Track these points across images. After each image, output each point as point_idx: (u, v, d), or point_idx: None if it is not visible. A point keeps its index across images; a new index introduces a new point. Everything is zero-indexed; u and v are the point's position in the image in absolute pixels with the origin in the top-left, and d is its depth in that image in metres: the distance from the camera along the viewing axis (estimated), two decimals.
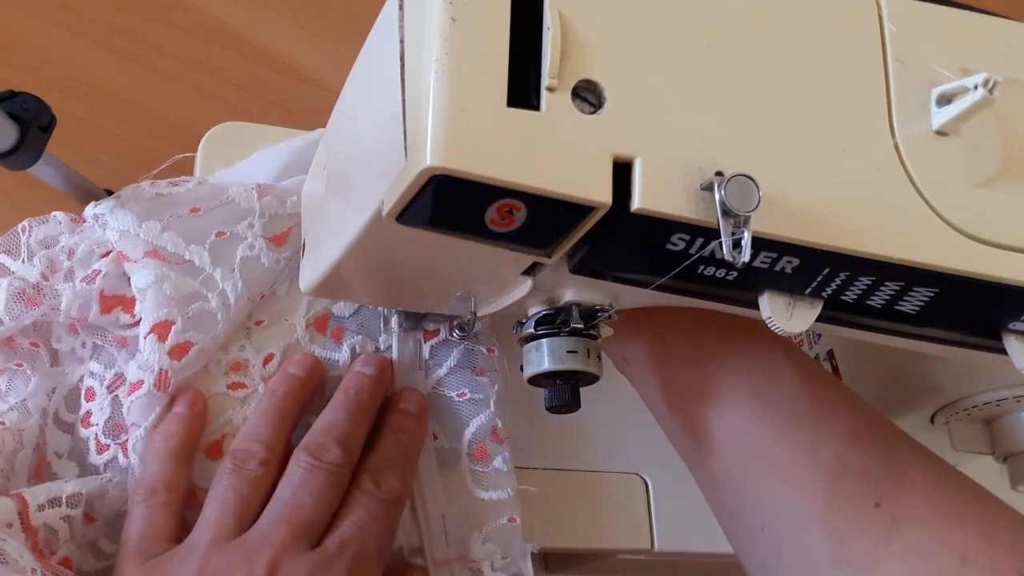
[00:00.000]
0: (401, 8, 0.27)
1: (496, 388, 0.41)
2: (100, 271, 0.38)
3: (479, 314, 0.36)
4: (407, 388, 0.40)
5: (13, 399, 0.37)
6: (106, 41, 0.53)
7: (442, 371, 0.41)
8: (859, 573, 0.31)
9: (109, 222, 0.38)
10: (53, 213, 0.40)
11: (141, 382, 0.37)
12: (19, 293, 0.37)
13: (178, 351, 0.37)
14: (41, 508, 0.34)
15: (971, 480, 0.34)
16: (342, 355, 0.41)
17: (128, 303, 0.38)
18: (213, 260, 0.39)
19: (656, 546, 0.45)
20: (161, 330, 0.37)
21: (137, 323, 0.38)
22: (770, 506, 0.34)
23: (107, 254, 0.39)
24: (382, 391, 0.40)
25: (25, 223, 0.39)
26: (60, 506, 0.35)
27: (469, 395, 0.41)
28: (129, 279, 0.38)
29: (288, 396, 0.38)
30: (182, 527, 0.36)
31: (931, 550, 0.31)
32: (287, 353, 0.40)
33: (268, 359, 0.40)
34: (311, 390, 0.39)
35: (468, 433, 0.40)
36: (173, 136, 0.51)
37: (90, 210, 0.39)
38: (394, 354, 0.41)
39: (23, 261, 0.38)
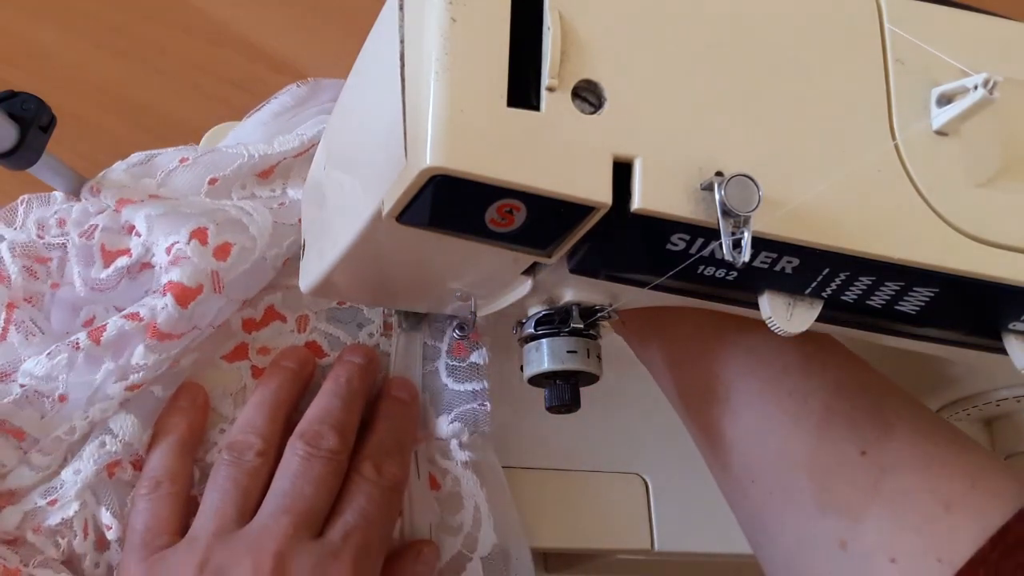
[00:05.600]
0: (401, 8, 0.27)
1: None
2: (97, 225, 0.38)
3: (479, 314, 0.36)
4: (397, 377, 0.41)
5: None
6: (106, 41, 0.53)
7: None
8: (845, 519, 0.31)
9: (104, 185, 0.38)
10: (53, 192, 0.40)
11: (200, 286, 0.36)
12: (21, 252, 0.37)
13: (221, 252, 0.37)
14: None
15: (957, 429, 0.34)
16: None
17: (128, 253, 0.38)
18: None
19: (656, 546, 0.45)
20: (200, 235, 0.36)
21: (139, 264, 0.37)
22: (759, 456, 0.35)
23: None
24: (372, 378, 0.40)
25: (25, 197, 0.39)
26: None
27: None
28: (128, 233, 0.38)
29: (281, 388, 0.38)
30: (186, 519, 0.36)
31: (916, 496, 0.31)
32: None
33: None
34: (303, 381, 0.40)
35: (449, 333, 0.42)
36: (173, 136, 0.51)
37: (85, 187, 0.39)
38: (393, 354, 0.41)
39: (16, 229, 0.38)
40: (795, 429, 0.33)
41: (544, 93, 0.26)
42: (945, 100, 0.29)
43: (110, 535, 0.35)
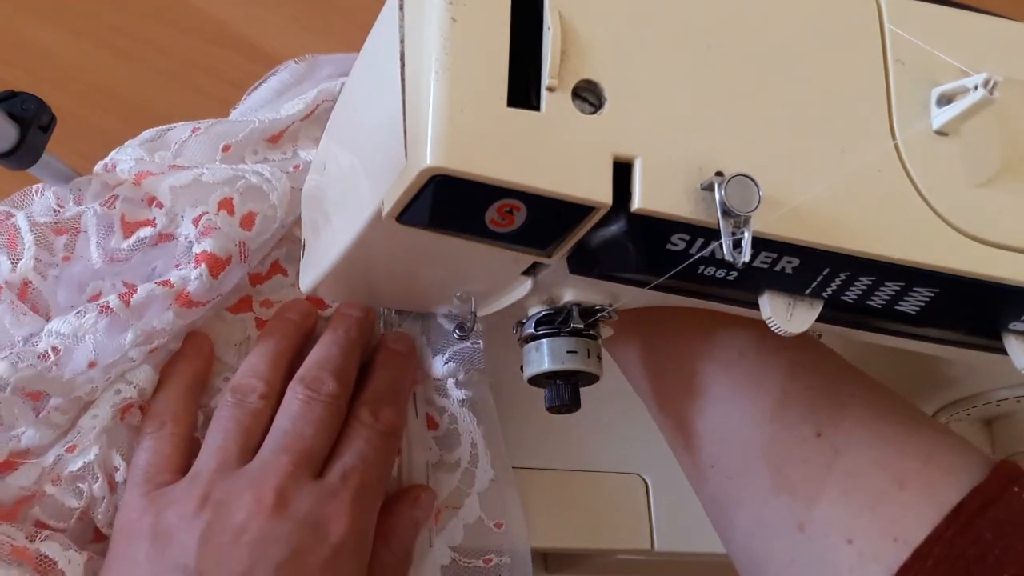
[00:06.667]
0: (401, 8, 0.27)
1: None
2: (118, 196, 0.38)
3: (479, 314, 0.36)
4: (394, 331, 0.41)
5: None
6: (106, 41, 0.53)
7: None
8: (800, 501, 0.32)
9: (120, 160, 0.39)
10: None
11: (230, 257, 0.37)
12: (40, 225, 0.37)
13: (247, 222, 0.38)
14: None
15: (913, 407, 0.34)
16: None
17: (151, 224, 0.38)
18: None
19: (656, 546, 0.45)
20: (226, 206, 0.37)
21: (160, 234, 0.38)
22: (718, 441, 0.35)
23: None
24: (369, 330, 0.41)
25: (37, 186, 0.39)
26: None
27: None
28: (149, 205, 0.38)
29: (284, 338, 0.39)
30: (188, 460, 0.36)
31: (870, 475, 0.31)
32: None
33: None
34: (305, 333, 0.40)
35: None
36: None
37: (99, 165, 0.39)
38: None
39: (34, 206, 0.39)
40: (752, 412, 0.34)
41: (544, 93, 0.26)
42: (945, 100, 0.29)
43: (118, 477, 0.36)
